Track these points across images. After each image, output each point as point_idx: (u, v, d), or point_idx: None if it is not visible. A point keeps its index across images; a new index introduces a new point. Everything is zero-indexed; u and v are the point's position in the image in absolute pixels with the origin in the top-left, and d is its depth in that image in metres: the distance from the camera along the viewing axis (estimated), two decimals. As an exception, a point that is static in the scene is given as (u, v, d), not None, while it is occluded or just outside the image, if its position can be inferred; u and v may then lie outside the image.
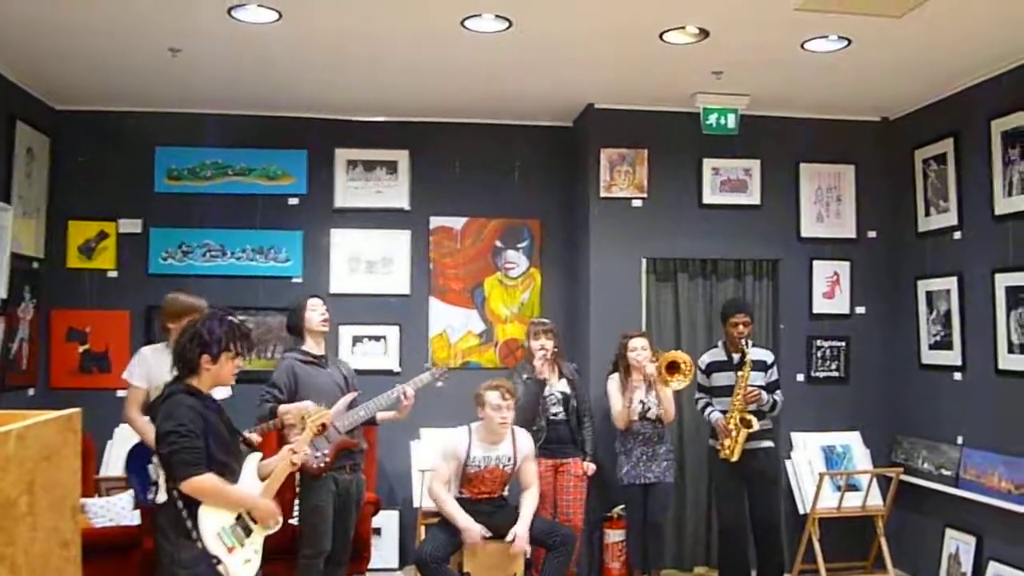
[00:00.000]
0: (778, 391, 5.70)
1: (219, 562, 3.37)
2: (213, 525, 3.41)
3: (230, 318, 3.67)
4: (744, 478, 5.65)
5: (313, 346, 5.10)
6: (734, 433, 5.45)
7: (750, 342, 5.61)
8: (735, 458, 5.46)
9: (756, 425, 5.44)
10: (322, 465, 4.83)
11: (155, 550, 4.44)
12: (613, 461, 5.84)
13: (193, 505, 3.41)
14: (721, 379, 5.67)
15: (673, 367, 5.54)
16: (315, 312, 5.08)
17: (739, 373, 5.52)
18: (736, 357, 5.61)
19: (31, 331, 5.93)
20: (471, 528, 5.00)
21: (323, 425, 4.32)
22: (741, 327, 5.60)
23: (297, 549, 4.93)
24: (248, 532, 3.55)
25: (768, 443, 5.69)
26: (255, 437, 4.51)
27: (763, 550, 5.77)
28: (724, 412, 5.55)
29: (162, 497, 4.00)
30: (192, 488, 3.38)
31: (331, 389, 4.98)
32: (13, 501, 2.10)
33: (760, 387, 5.56)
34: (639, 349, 5.65)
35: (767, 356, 5.77)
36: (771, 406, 5.62)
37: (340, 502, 4.94)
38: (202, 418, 3.46)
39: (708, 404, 5.71)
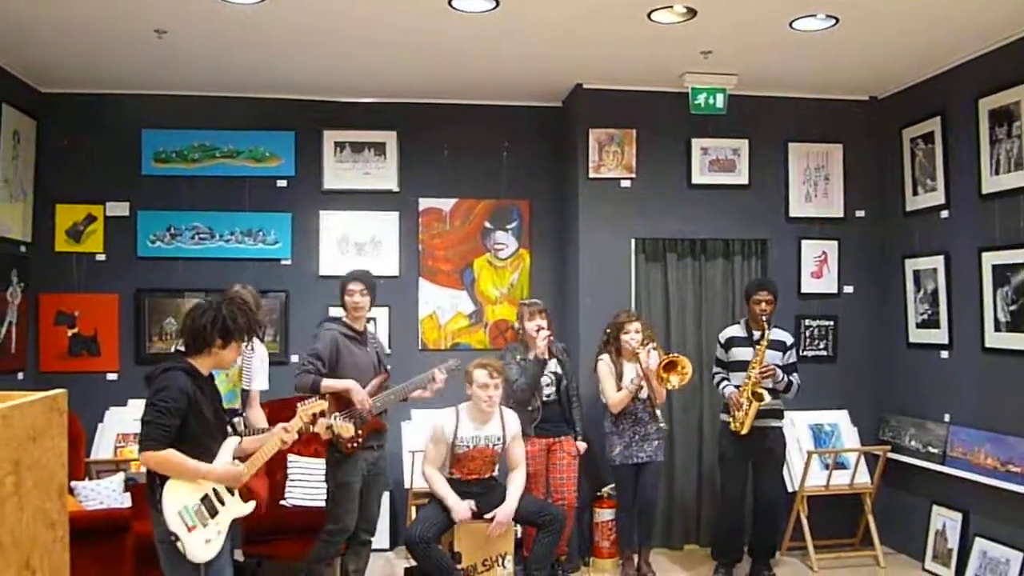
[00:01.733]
0: (795, 374, 5.75)
1: (177, 539, 3.45)
2: (175, 504, 3.49)
3: (246, 306, 3.86)
4: (751, 455, 5.71)
5: (354, 320, 5.10)
6: (745, 405, 5.50)
7: (773, 321, 5.69)
8: (745, 431, 5.52)
9: (767, 398, 5.48)
10: (355, 444, 4.86)
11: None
12: (603, 442, 5.86)
13: (160, 481, 3.50)
14: (739, 354, 5.72)
15: (671, 366, 5.56)
16: (350, 298, 5.06)
17: (756, 347, 5.56)
18: (756, 334, 5.64)
19: (19, 315, 5.91)
20: (458, 506, 5.02)
21: (314, 415, 4.33)
22: (764, 304, 5.66)
23: (320, 526, 4.99)
24: (214, 513, 3.59)
25: (778, 423, 5.75)
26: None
27: (759, 528, 5.84)
28: (738, 387, 5.60)
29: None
30: (147, 459, 3.50)
31: (368, 368, 5.02)
32: (-1, 481, 2.11)
33: (777, 366, 5.61)
34: (633, 333, 5.67)
35: (787, 338, 5.82)
36: (786, 387, 5.67)
37: (367, 480, 5.00)
38: (189, 398, 3.54)
39: (724, 379, 5.76)
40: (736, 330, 5.86)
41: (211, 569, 3.55)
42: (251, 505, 3.81)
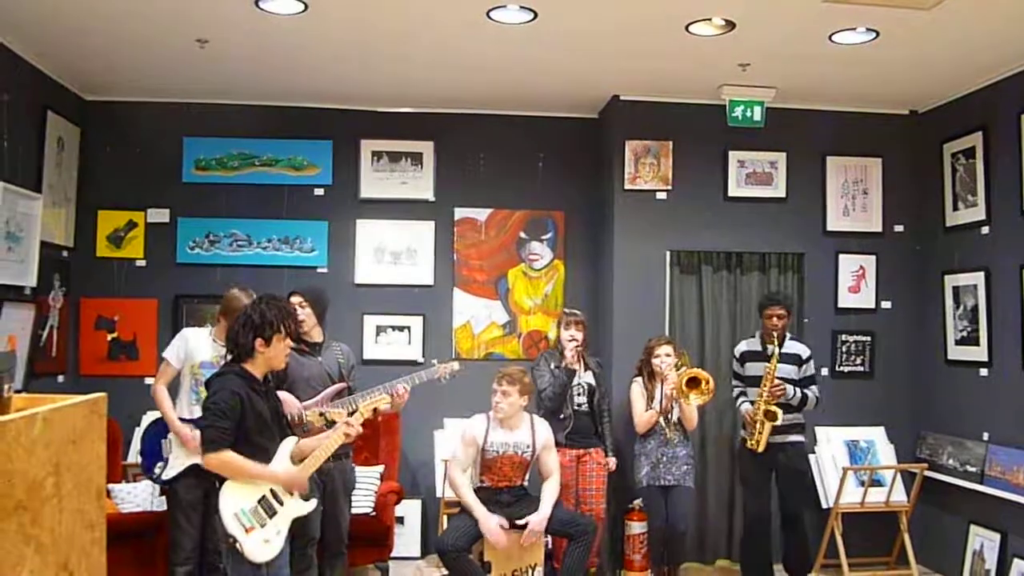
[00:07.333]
0: (814, 386, 5.70)
1: (235, 541, 3.50)
2: (231, 506, 3.55)
3: (277, 301, 3.83)
4: (771, 471, 5.67)
5: (305, 334, 5.00)
6: (758, 425, 5.46)
7: (787, 335, 5.63)
8: (760, 449, 5.48)
9: (780, 418, 5.43)
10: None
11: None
12: (632, 463, 5.81)
13: (219, 485, 3.58)
14: (754, 369, 5.68)
15: (693, 383, 5.53)
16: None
17: (767, 365, 5.51)
18: (771, 348, 5.60)
19: (61, 319, 6.01)
20: (487, 522, 5.00)
21: (375, 409, 4.44)
22: (775, 319, 5.62)
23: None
24: (272, 513, 3.63)
25: (797, 437, 5.69)
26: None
27: (788, 544, 5.78)
28: (753, 403, 5.56)
29: (169, 473, 4.54)
30: (207, 461, 3.59)
31: (319, 379, 4.91)
32: (40, 482, 2.14)
33: (791, 380, 5.57)
34: (663, 356, 5.65)
35: (803, 351, 5.76)
36: (801, 401, 5.61)
37: (326, 492, 4.89)
38: (242, 400, 3.59)
39: (742, 393, 5.73)
40: (750, 344, 5.81)
41: (271, 569, 3.60)
42: (311, 504, 3.85)
